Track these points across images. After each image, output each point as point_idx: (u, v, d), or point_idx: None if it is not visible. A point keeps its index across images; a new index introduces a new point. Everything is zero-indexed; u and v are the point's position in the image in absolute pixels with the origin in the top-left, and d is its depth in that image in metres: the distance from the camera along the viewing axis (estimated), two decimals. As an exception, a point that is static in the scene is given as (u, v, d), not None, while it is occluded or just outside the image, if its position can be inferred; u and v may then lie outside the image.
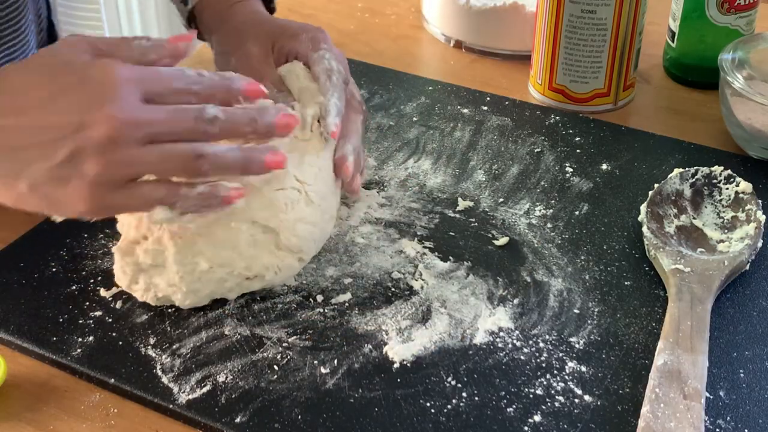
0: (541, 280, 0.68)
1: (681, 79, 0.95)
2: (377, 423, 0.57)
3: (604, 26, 0.85)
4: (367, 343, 0.63)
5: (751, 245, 0.69)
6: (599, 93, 0.89)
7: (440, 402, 0.59)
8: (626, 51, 0.87)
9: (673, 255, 0.68)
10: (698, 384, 0.58)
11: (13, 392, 0.61)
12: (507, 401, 0.59)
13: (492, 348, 0.63)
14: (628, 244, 0.72)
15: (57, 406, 0.60)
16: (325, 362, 0.61)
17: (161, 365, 0.61)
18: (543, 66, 0.90)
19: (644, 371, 0.60)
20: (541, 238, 0.72)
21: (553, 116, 0.87)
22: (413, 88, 0.92)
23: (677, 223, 0.72)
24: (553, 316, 0.65)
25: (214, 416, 0.58)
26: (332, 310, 0.66)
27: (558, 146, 0.83)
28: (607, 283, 0.68)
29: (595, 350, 0.62)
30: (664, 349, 0.60)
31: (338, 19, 1.07)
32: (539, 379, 0.60)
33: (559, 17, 0.86)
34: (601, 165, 0.81)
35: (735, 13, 0.89)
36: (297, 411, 0.58)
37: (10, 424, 0.59)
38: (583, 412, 0.58)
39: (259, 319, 0.65)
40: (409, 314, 0.65)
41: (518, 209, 0.75)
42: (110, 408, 0.60)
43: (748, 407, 0.59)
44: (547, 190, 0.77)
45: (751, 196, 0.73)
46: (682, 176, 0.75)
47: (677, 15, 0.92)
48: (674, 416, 0.56)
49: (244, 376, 0.60)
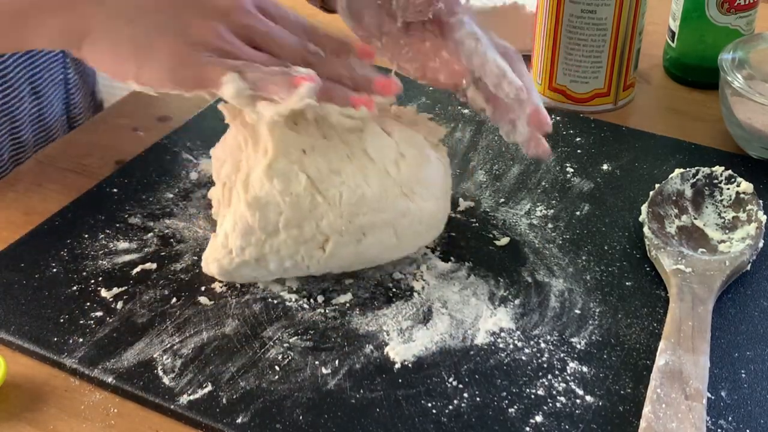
0: (542, 281, 0.68)
1: (681, 79, 0.95)
2: (378, 423, 0.57)
3: (604, 26, 0.85)
4: (368, 344, 0.63)
5: (752, 245, 0.69)
6: (599, 93, 0.89)
7: (441, 402, 0.59)
8: (626, 51, 0.87)
9: (674, 255, 0.68)
10: (700, 384, 0.58)
11: (13, 392, 0.61)
12: (508, 402, 0.59)
13: (493, 348, 0.63)
14: (629, 244, 0.72)
15: (57, 406, 0.60)
16: (327, 363, 0.61)
17: (162, 365, 0.61)
18: (543, 66, 0.90)
19: (646, 372, 0.60)
20: (542, 238, 0.72)
21: (554, 116, 0.87)
22: (413, 89, 0.91)
23: (678, 223, 0.72)
24: (554, 317, 0.65)
25: (215, 417, 0.58)
26: (333, 310, 0.65)
27: (558, 146, 0.83)
28: (609, 283, 0.68)
29: (597, 351, 0.62)
30: (665, 350, 0.60)
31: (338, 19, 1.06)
32: (540, 379, 0.60)
33: (559, 17, 0.86)
34: (601, 165, 0.81)
35: (735, 13, 0.89)
36: (298, 411, 0.58)
37: (10, 424, 0.59)
38: (584, 412, 0.58)
39: (260, 319, 0.65)
40: (410, 315, 0.65)
41: (519, 210, 0.75)
42: (110, 408, 0.60)
43: (750, 407, 0.59)
44: (548, 191, 0.77)
45: (752, 196, 0.73)
46: (683, 176, 0.75)
47: (677, 15, 0.92)
48: (676, 417, 0.56)
49: (245, 377, 0.60)
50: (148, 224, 0.73)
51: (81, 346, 0.63)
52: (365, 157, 0.66)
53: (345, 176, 0.65)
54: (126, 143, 0.84)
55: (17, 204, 0.77)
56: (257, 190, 0.64)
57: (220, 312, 0.65)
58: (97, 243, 0.71)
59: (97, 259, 0.70)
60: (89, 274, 0.68)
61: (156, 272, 0.69)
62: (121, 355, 0.62)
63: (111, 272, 0.69)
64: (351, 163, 0.66)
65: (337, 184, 0.65)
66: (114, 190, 0.77)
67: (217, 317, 0.65)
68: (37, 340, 0.63)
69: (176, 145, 0.83)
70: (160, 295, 0.67)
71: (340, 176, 0.65)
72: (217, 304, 0.66)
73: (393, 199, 0.66)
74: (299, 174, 0.64)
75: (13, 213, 0.76)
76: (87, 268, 0.69)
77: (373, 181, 0.65)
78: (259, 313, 0.65)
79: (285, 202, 0.64)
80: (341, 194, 0.64)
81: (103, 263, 0.69)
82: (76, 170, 0.81)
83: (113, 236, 0.72)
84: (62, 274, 0.68)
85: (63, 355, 0.62)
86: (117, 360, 0.62)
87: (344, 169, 0.65)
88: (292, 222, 0.64)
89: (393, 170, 0.66)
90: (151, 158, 0.81)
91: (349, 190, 0.65)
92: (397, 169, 0.67)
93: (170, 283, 0.68)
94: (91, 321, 0.65)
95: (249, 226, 0.64)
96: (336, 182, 0.65)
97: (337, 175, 0.65)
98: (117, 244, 0.71)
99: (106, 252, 0.70)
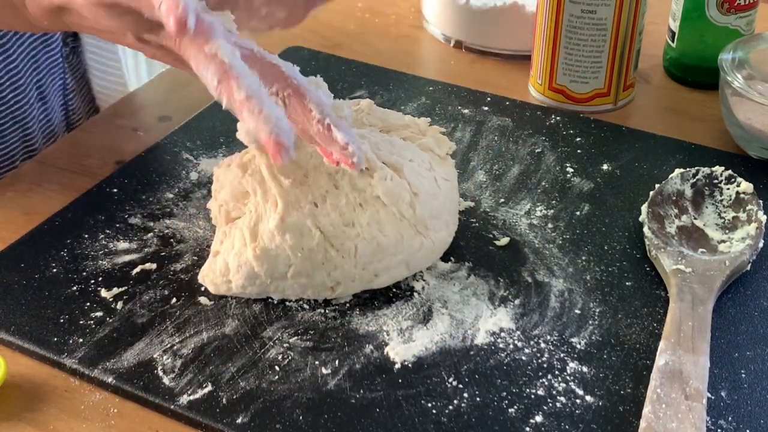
0: (542, 281, 0.68)
1: (681, 79, 0.95)
2: (378, 423, 0.57)
3: (604, 26, 0.85)
4: (368, 344, 0.63)
5: (752, 245, 0.69)
6: (599, 93, 0.89)
7: (441, 402, 0.59)
8: (626, 51, 0.87)
9: (674, 255, 0.68)
10: (700, 384, 0.58)
11: (13, 392, 0.61)
12: (508, 402, 0.59)
13: (493, 348, 0.63)
14: (629, 244, 0.72)
15: (57, 406, 0.60)
16: (327, 363, 0.61)
17: (162, 365, 0.61)
18: (543, 66, 0.90)
19: (646, 372, 0.60)
20: (542, 238, 0.72)
21: (554, 116, 0.87)
22: (413, 89, 0.91)
23: (678, 223, 0.72)
24: (554, 317, 0.65)
25: (215, 417, 0.58)
26: (333, 310, 0.65)
27: (559, 146, 0.83)
28: (608, 283, 0.68)
29: (597, 351, 0.62)
30: (665, 350, 0.60)
31: (338, 19, 1.06)
32: (540, 379, 0.60)
33: (559, 17, 0.86)
34: (601, 165, 0.81)
35: (735, 13, 0.89)
36: (298, 412, 0.58)
37: (10, 424, 0.59)
38: (584, 412, 0.58)
39: (260, 319, 0.65)
40: (410, 315, 0.65)
41: (519, 210, 0.75)
42: (110, 408, 0.60)
43: (750, 408, 0.59)
44: (548, 191, 0.77)
45: (752, 196, 0.73)
46: (683, 176, 0.75)
47: (677, 15, 0.92)
48: (676, 417, 0.56)
49: (245, 377, 0.60)
50: (148, 224, 0.73)
51: (81, 346, 0.63)
52: (378, 202, 0.65)
53: (359, 228, 0.64)
54: (126, 143, 0.84)
55: (17, 204, 0.77)
56: (267, 242, 0.63)
57: (220, 312, 0.65)
58: (97, 243, 0.71)
59: (97, 259, 0.70)
60: (89, 274, 0.68)
61: (156, 272, 0.69)
62: (121, 355, 0.62)
63: (111, 272, 0.69)
64: (364, 213, 0.65)
65: (352, 237, 0.64)
66: (114, 190, 0.77)
67: (217, 317, 0.65)
68: (37, 340, 0.63)
69: (176, 145, 0.83)
70: (160, 295, 0.67)
71: (354, 228, 0.64)
72: (217, 304, 0.66)
73: (408, 240, 0.65)
74: (312, 229, 0.63)
75: (13, 213, 0.76)
76: (87, 268, 0.69)
77: (388, 227, 0.65)
78: (259, 314, 0.65)
79: (297, 257, 0.63)
80: (356, 247, 0.64)
81: (103, 263, 0.69)
82: (76, 170, 0.81)
83: (113, 236, 0.72)
84: (62, 274, 0.68)
85: (63, 355, 0.62)
86: (117, 360, 0.62)
87: (358, 220, 0.64)
88: (302, 273, 0.64)
89: (408, 212, 0.66)
90: (151, 158, 0.81)
91: (364, 242, 0.64)
92: (412, 210, 0.66)
93: (170, 283, 0.68)
94: (91, 321, 0.65)
95: (254, 273, 0.64)
96: (351, 235, 0.64)
97: (351, 228, 0.64)
98: (117, 244, 0.71)
99: (106, 252, 0.70)
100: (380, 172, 0.66)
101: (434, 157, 0.71)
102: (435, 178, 0.69)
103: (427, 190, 0.67)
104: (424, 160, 0.70)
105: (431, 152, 0.72)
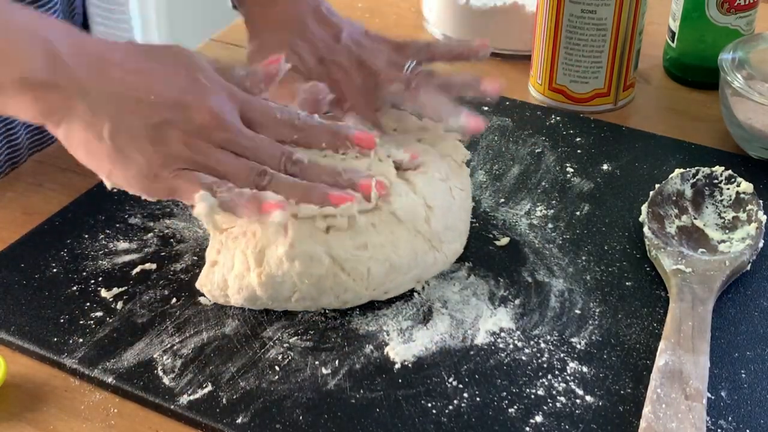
0: (542, 281, 0.68)
1: (681, 79, 0.95)
2: (378, 423, 0.57)
3: (604, 26, 0.85)
4: (368, 344, 0.63)
5: (752, 245, 0.69)
6: (599, 93, 0.89)
7: (441, 402, 0.59)
8: (626, 51, 0.87)
9: (674, 255, 0.68)
10: (700, 384, 0.58)
11: (13, 392, 0.61)
12: (508, 402, 0.59)
13: (493, 348, 0.63)
14: (629, 244, 0.72)
15: (57, 406, 0.60)
16: (327, 363, 0.61)
17: (162, 365, 0.61)
18: (543, 66, 0.90)
19: (646, 372, 0.60)
20: (542, 238, 0.72)
21: (554, 116, 0.87)
22: (413, 88, 0.91)
23: (678, 223, 0.72)
24: (554, 317, 0.65)
25: (215, 417, 0.58)
26: (333, 310, 0.65)
27: (559, 146, 0.83)
28: (608, 283, 0.68)
29: (597, 351, 0.62)
30: (665, 350, 0.60)
31: (338, 19, 1.06)
32: (540, 379, 0.60)
33: (559, 17, 0.86)
34: (601, 165, 0.81)
35: (735, 13, 0.89)
36: (298, 412, 0.58)
37: (10, 424, 0.59)
38: (584, 412, 0.58)
39: (260, 319, 0.65)
40: (410, 315, 0.65)
41: (519, 210, 0.75)
42: (110, 408, 0.60)
43: (750, 407, 0.59)
44: (548, 191, 0.77)
45: (752, 196, 0.73)
46: (683, 176, 0.75)
47: (677, 15, 0.92)
48: (676, 417, 0.56)
49: (245, 377, 0.60)
50: (148, 224, 0.73)
51: (81, 346, 0.63)
52: (393, 220, 0.64)
53: (372, 250, 0.63)
54: (126, 143, 0.84)
55: (17, 204, 0.77)
56: (273, 269, 0.62)
57: (220, 312, 0.65)
58: (97, 243, 0.71)
59: (97, 259, 0.70)
60: (89, 274, 0.68)
61: (156, 272, 0.69)
62: (121, 355, 0.62)
63: (111, 272, 0.69)
64: (378, 234, 0.63)
65: (364, 260, 0.63)
66: (114, 190, 0.77)
67: (217, 317, 0.65)
68: (37, 340, 0.63)
69: (176, 145, 0.82)
70: (160, 295, 0.67)
71: (367, 251, 0.63)
72: (217, 304, 0.66)
73: (422, 256, 0.65)
74: (323, 256, 0.62)
75: (13, 213, 0.76)
76: (87, 268, 0.69)
77: (402, 246, 0.64)
78: (259, 314, 0.65)
79: (303, 283, 0.63)
80: (369, 269, 0.63)
81: (103, 263, 0.69)
82: (76, 170, 0.81)
83: (113, 236, 0.72)
84: (62, 274, 0.68)
85: (63, 355, 0.62)
86: (117, 360, 0.62)
87: (371, 242, 0.63)
88: (306, 297, 0.64)
89: (423, 228, 0.65)
90: (151, 158, 0.81)
91: (377, 264, 0.63)
92: (427, 225, 0.65)
93: (170, 283, 0.68)
94: (91, 321, 0.65)
95: (256, 296, 0.64)
96: (363, 258, 0.63)
97: (363, 250, 0.63)
98: (117, 244, 0.71)
99: (106, 252, 0.70)
100: (396, 188, 0.65)
101: (452, 164, 0.71)
102: (450, 188, 0.68)
103: (441, 203, 0.67)
104: (440, 168, 0.69)
105: (450, 158, 0.71)
